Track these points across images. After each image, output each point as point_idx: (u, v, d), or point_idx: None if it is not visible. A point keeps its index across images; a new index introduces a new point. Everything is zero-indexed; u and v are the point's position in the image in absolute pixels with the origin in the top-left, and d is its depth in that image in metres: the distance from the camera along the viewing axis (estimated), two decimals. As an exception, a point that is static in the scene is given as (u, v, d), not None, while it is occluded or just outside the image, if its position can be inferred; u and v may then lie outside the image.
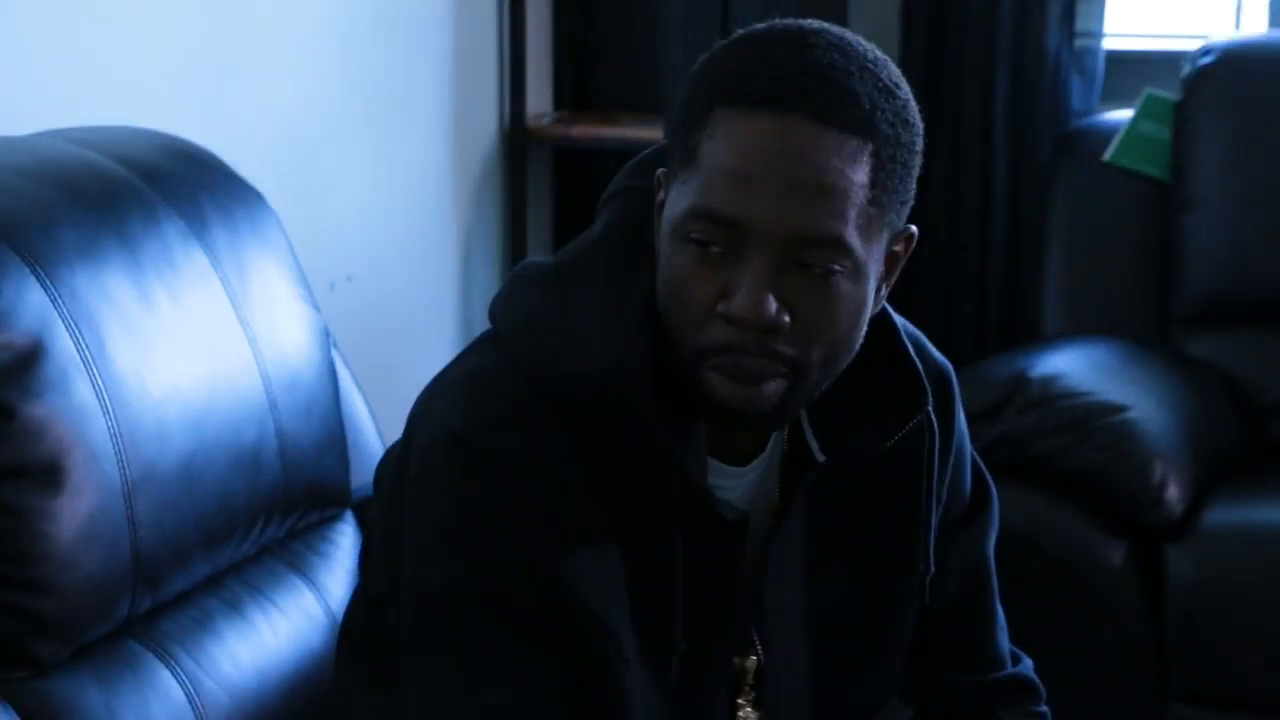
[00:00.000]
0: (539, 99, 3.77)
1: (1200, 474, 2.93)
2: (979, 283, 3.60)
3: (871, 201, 1.43)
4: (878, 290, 1.50)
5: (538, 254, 3.81)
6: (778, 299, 1.42)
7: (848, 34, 1.48)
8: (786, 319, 1.43)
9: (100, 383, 1.71)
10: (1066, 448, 2.86)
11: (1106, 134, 3.43)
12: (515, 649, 1.46)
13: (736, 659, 1.59)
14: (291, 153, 2.89)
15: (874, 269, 1.47)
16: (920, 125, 1.49)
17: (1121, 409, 2.90)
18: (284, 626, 1.90)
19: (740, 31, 1.49)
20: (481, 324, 3.88)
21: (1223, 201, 3.29)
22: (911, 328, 1.66)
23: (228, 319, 1.89)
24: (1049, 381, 2.94)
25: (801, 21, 1.48)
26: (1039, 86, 3.55)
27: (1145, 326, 3.34)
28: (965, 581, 1.69)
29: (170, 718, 1.73)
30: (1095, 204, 3.42)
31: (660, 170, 1.51)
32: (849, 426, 1.56)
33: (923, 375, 1.57)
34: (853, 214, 1.42)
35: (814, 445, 1.55)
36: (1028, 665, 1.75)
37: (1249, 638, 2.82)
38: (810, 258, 1.43)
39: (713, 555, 1.52)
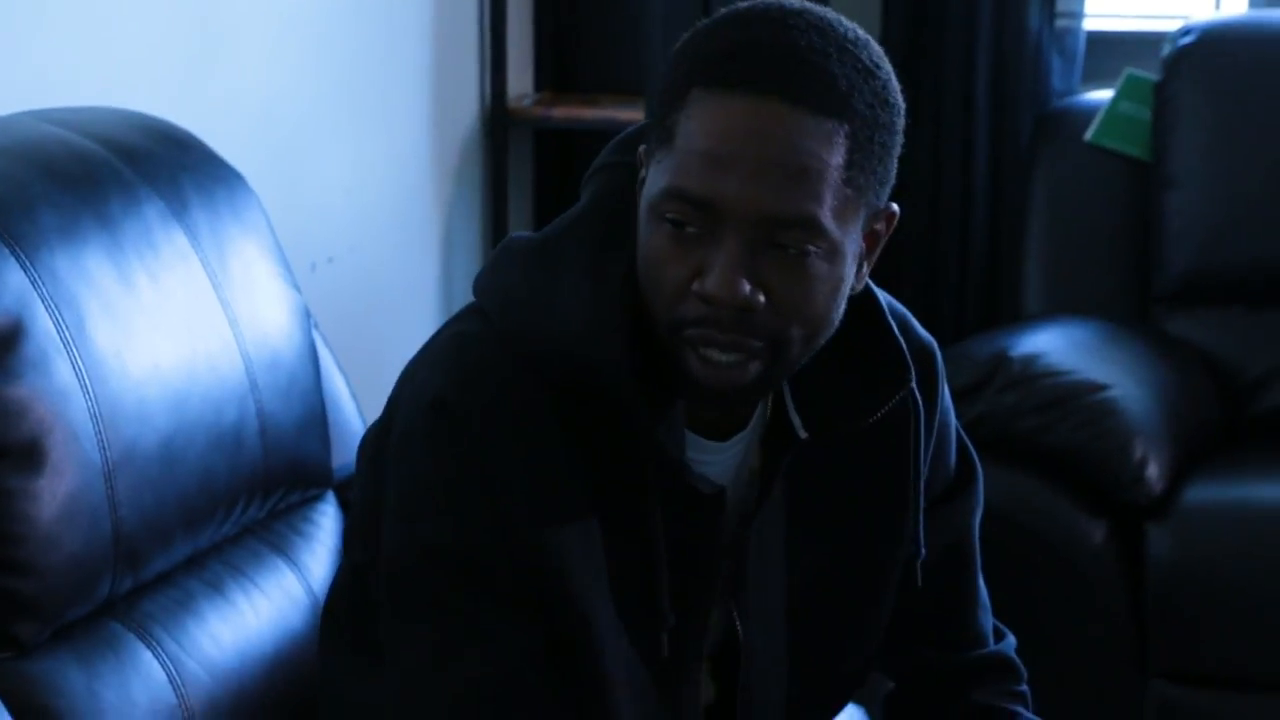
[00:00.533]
0: (520, 80, 3.77)
1: (1180, 452, 2.94)
2: (960, 262, 3.60)
3: (847, 182, 1.44)
4: (858, 268, 1.50)
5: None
6: (752, 279, 1.43)
7: (829, 14, 1.48)
8: (761, 298, 1.44)
9: (80, 363, 1.71)
10: (1047, 426, 2.86)
11: (1087, 114, 3.44)
12: (494, 617, 1.47)
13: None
14: (271, 134, 2.89)
15: (851, 248, 1.47)
16: (902, 105, 1.49)
17: (1102, 388, 2.91)
18: (265, 607, 1.90)
19: (722, 11, 1.49)
20: (462, 305, 3.88)
21: (1203, 181, 3.30)
22: (898, 305, 1.66)
23: (208, 299, 1.89)
24: (1030, 360, 2.94)
25: (783, 1, 1.48)
26: (1020, 66, 3.56)
27: (1126, 305, 3.34)
28: (947, 558, 1.70)
29: (152, 698, 1.74)
30: (1076, 184, 3.43)
31: (642, 147, 1.51)
32: (832, 403, 1.56)
33: (906, 352, 1.57)
34: (827, 195, 1.43)
35: (796, 421, 1.56)
36: (1010, 643, 1.76)
37: (1228, 615, 2.83)
38: (785, 238, 1.43)
39: (691, 529, 1.53)
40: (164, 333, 1.82)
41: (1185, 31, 3.39)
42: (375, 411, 2.32)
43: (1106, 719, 2.89)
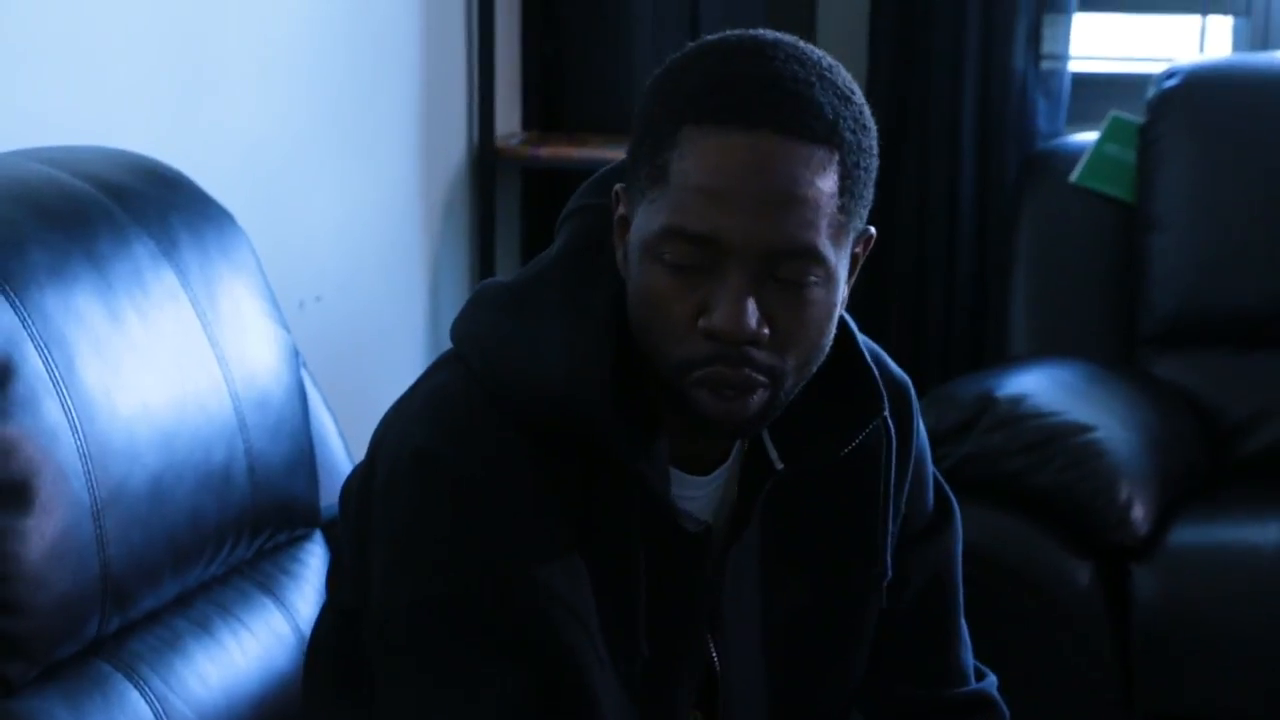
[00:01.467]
0: (508, 119, 3.78)
1: (1165, 494, 2.94)
2: (946, 303, 3.61)
3: (840, 209, 1.46)
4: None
5: (507, 274, 3.81)
6: (757, 311, 1.44)
7: (800, 41, 1.50)
8: (766, 330, 1.45)
9: (69, 402, 1.71)
10: (1033, 467, 2.87)
11: (1072, 156, 3.45)
12: (487, 662, 1.47)
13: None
14: (260, 173, 2.90)
15: (843, 273, 1.50)
16: (875, 128, 1.51)
17: (1088, 429, 2.91)
18: (253, 646, 1.90)
19: (693, 46, 1.49)
20: (449, 346, 3.88)
21: (1187, 223, 3.31)
22: (871, 344, 1.67)
23: (197, 339, 1.90)
24: (1016, 401, 2.95)
25: (755, 32, 1.49)
26: (1005, 108, 3.58)
27: (1111, 347, 3.35)
28: (927, 595, 1.70)
29: (139, 738, 1.74)
30: (1061, 225, 3.44)
31: (618, 186, 1.51)
32: (807, 434, 1.57)
33: (879, 382, 1.58)
34: (824, 224, 1.44)
35: (773, 453, 1.57)
36: (991, 682, 1.76)
37: (1214, 657, 2.84)
38: (786, 270, 1.44)
39: (675, 565, 1.53)
40: (153, 372, 1.82)
41: (1170, 74, 3.41)
42: (363, 451, 2.32)
43: (1092, 760, 2.89)
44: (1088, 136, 3.48)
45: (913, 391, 1.68)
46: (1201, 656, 2.84)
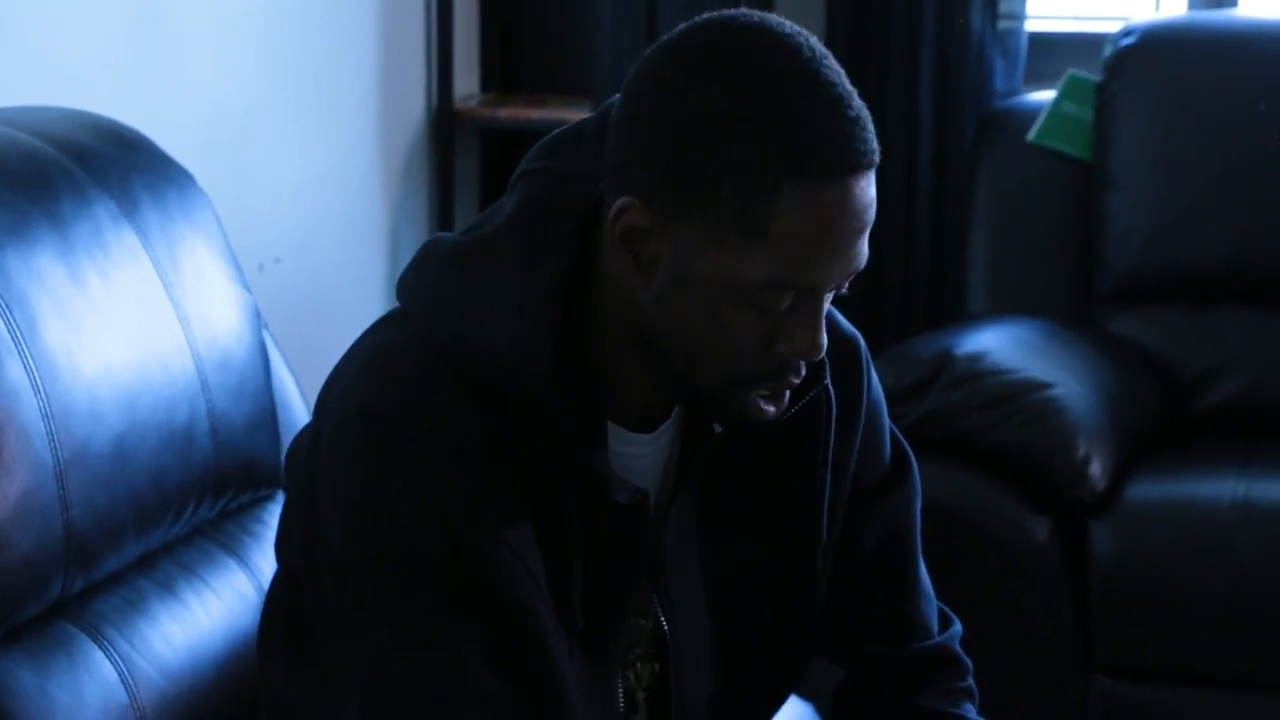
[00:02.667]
0: (466, 81, 3.77)
1: (1123, 450, 2.96)
2: (905, 262, 3.62)
3: None
4: None
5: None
6: None
7: (814, 38, 1.47)
8: None
9: (31, 362, 1.71)
10: (992, 424, 2.89)
11: (1029, 115, 3.47)
12: (441, 618, 1.47)
13: (643, 622, 1.61)
14: (219, 135, 2.89)
15: None
16: None
17: (1046, 386, 2.93)
18: (217, 606, 1.90)
19: (723, 53, 1.43)
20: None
21: (1144, 181, 3.33)
22: None
23: (159, 299, 1.89)
24: (975, 359, 2.96)
25: (778, 34, 1.45)
26: (962, 68, 3.58)
27: (1068, 304, 3.37)
28: (884, 549, 1.71)
29: (104, 698, 1.73)
30: (1019, 184, 3.45)
31: (629, 200, 1.46)
32: None
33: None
34: None
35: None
36: (955, 633, 1.77)
37: (1171, 612, 2.86)
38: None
39: (613, 532, 1.54)
40: (115, 332, 1.82)
41: (1126, 32, 3.42)
42: (324, 412, 2.32)
43: (1050, 715, 2.92)
44: (1045, 95, 3.49)
45: (863, 346, 1.69)
46: (1158, 611, 2.86)
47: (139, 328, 1.86)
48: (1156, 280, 3.32)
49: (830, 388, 1.61)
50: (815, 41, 1.46)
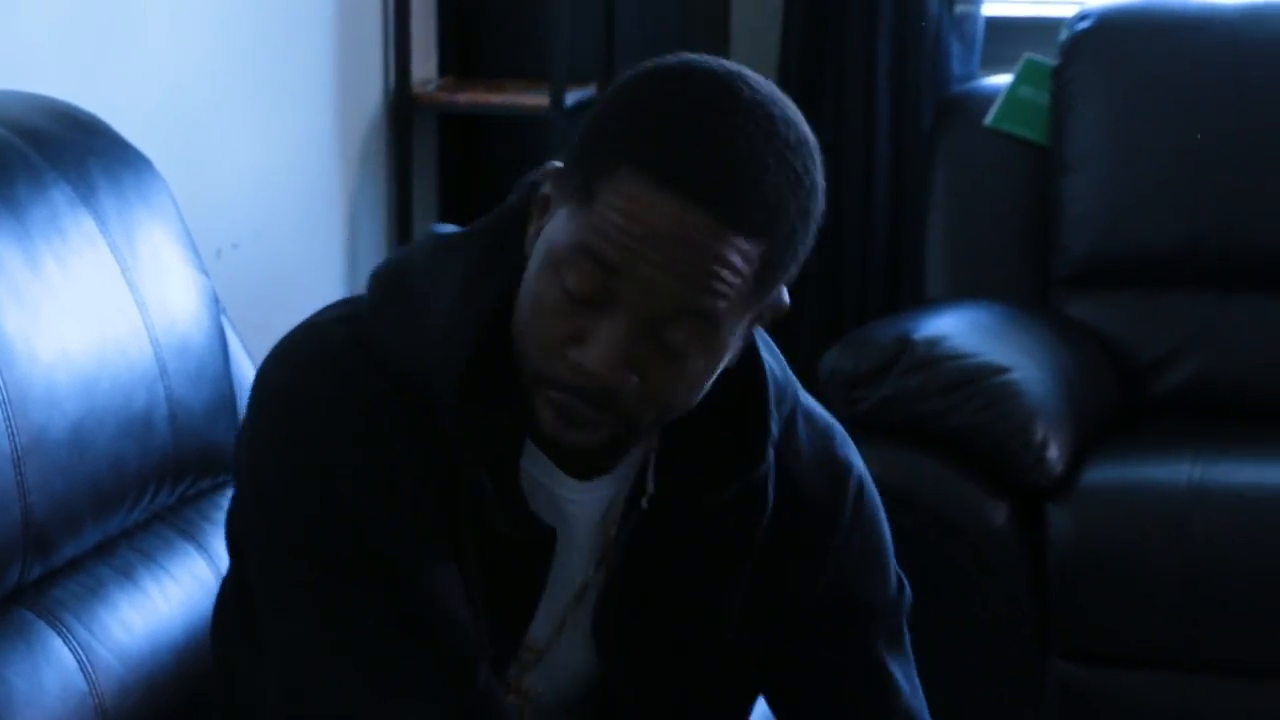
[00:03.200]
0: (424, 65, 3.76)
1: (1080, 434, 2.98)
2: (863, 246, 3.63)
3: (752, 293, 1.44)
4: (736, 352, 1.50)
5: (424, 221, 3.81)
6: (631, 364, 1.42)
7: (776, 106, 1.44)
8: (634, 380, 1.43)
9: (-12, 348, 1.70)
10: (950, 408, 2.89)
11: (986, 99, 3.47)
12: (357, 598, 1.47)
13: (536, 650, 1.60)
14: (175, 119, 2.88)
15: (733, 345, 1.48)
16: (820, 211, 1.48)
17: (1004, 370, 2.94)
18: (176, 593, 1.90)
19: (672, 67, 1.44)
20: (368, 290, 3.84)
21: (1101, 165, 3.34)
22: (821, 415, 1.64)
23: (116, 284, 1.88)
24: (933, 344, 2.97)
25: (734, 82, 1.43)
26: (920, 52, 3.59)
27: (1026, 289, 3.38)
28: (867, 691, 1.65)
29: (63, 685, 1.73)
30: (976, 168, 3.46)
31: (554, 164, 1.48)
32: (689, 471, 1.55)
33: (770, 437, 1.55)
34: (730, 302, 1.42)
35: (649, 486, 1.55)
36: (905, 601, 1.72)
37: (1128, 595, 2.87)
38: (672, 336, 1.42)
39: (512, 561, 1.52)
40: (72, 317, 1.81)
41: (1082, 16, 3.43)
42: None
43: (1007, 698, 2.93)
44: (1002, 79, 3.50)
45: (855, 478, 1.63)
46: (1116, 594, 2.87)
47: (96, 313, 1.85)
48: (1113, 264, 3.34)
49: (769, 488, 1.56)
50: (778, 129, 1.42)
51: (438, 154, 3.87)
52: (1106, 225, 3.33)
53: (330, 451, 1.48)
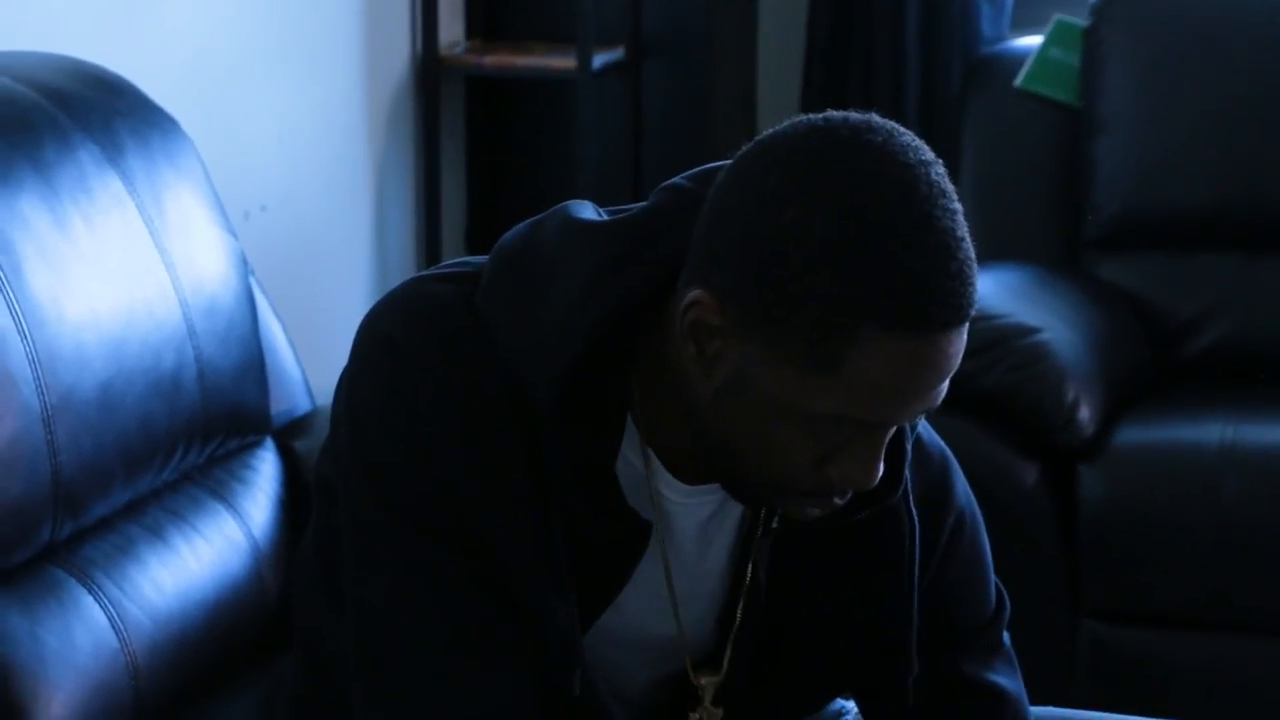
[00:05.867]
0: (451, 28, 3.76)
1: (1111, 395, 2.97)
2: (892, 209, 3.61)
3: None
4: None
5: (451, 184, 3.80)
6: None
7: (936, 163, 1.38)
8: None
9: (17, 308, 1.70)
10: (981, 369, 2.88)
11: (1017, 60, 3.46)
12: (446, 562, 1.46)
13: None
14: (203, 81, 2.88)
15: None
16: None
17: (1034, 331, 2.93)
18: (206, 552, 1.90)
19: (854, 183, 1.35)
20: (395, 256, 3.88)
21: (1131, 126, 3.32)
22: (930, 436, 1.64)
23: (144, 245, 1.89)
24: (962, 304, 2.96)
25: (923, 185, 1.36)
26: (949, 14, 3.57)
27: (1056, 250, 3.37)
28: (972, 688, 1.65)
29: (94, 642, 1.73)
30: (1006, 130, 3.45)
31: (700, 293, 1.40)
32: None
33: (906, 460, 1.53)
34: None
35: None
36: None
37: (1158, 555, 2.87)
38: None
39: (607, 550, 1.51)
40: (101, 278, 1.81)
41: (1113, -23, 3.41)
42: (311, 359, 2.32)
43: (1039, 658, 2.90)
44: (1032, 41, 3.48)
45: (955, 514, 1.63)
46: (1146, 555, 2.87)
47: (125, 273, 1.85)
48: (1143, 225, 3.32)
49: (913, 512, 1.56)
50: (938, 174, 1.37)
51: (465, 117, 3.87)
52: (1137, 186, 3.31)
53: (430, 412, 1.46)
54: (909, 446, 1.54)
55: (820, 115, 1.40)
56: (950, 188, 1.38)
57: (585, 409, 1.45)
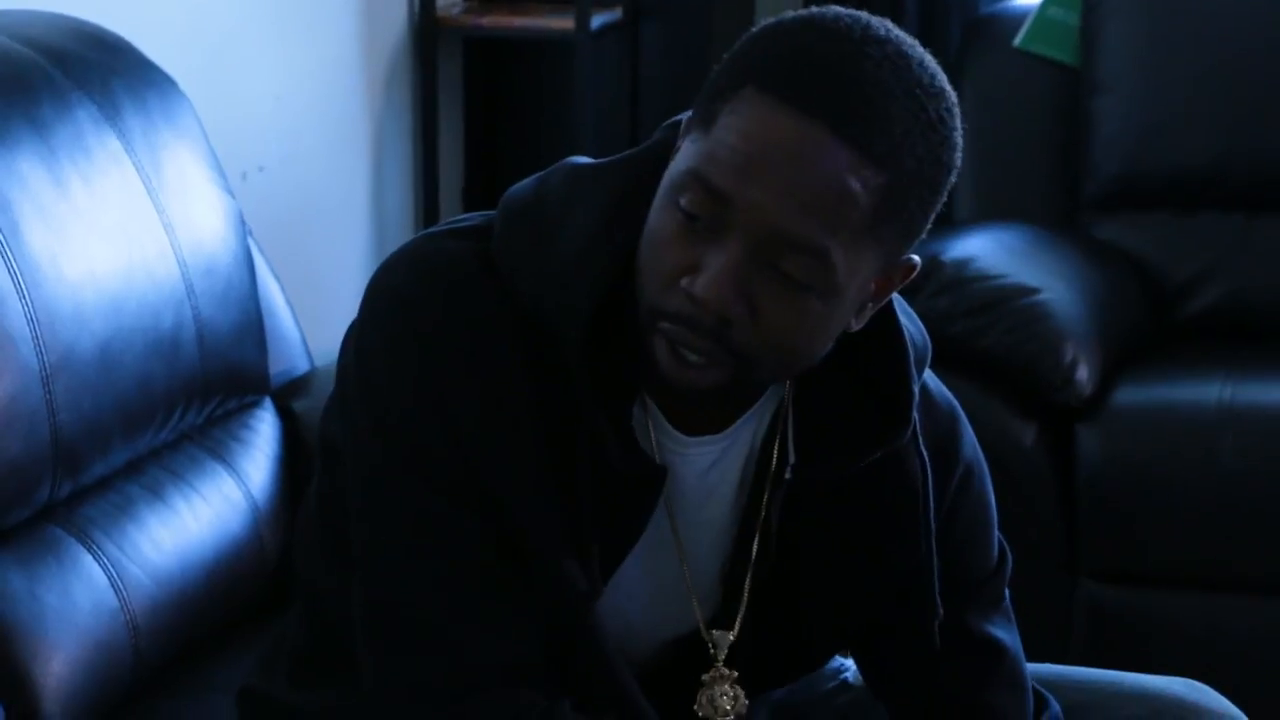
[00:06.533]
0: (448, -12, 3.75)
1: (1109, 355, 2.97)
2: (890, 169, 3.61)
3: (870, 230, 1.39)
4: (860, 310, 1.47)
5: (449, 145, 3.80)
6: (743, 293, 1.39)
7: (915, 51, 1.41)
8: (744, 313, 1.40)
9: (16, 267, 1.70)
10: (979, 329, 2.88)
11: (1016, 20, 3.45)
12: (456, 517, 1.46)
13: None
14: (201, 41, 2.87)
15: (853, 293, 1.43)
16: (955, 165, 1.44)
17: (1033, 291, 2.93)
18: (205, 511, 1.91)
19: (812, 10, 1.43)
20: (393, 216, 3.87)
21: (1130, 85, 3.32)
22: (939, 390, 1.62)
23: (143, 204, 1.88)
24: (962, 265, 2.96)
25: (873, 22, 1.41)
26: (948, -27, 3.57)
27: (1055, 210, 3.36)
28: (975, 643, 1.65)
29: (93, 601, 1.74)
30: (1005, 90, 3.44)
31: (683, 119, 1.46)
32: (826, 441, 1.53)
33: (914, 400, 1.52)
34: (846, 235, 1.38)
35: (791, 455, 1.53)
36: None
37: (1157, 515, 2.87)
38: (789, 264, 1.39)
39: (619, 497, 1.50)
40: (99, 237, 1.81)
41: (1113, -63, 3.40)
42: (309, 320, 2.32)
43: (1037, 618, 2.91)
44: (1031, 0, 3.47)
45: (964, 468, 1.62)
46: (1144, 515, 2.87)
47: (123, 233, 1.85)
48: (1142, 185, 3.32)
49: (924, 453, 1.55)
50: (911, 71, 1.39)
51: (463, 78, 3.86)
52: (1136, 146, 3.31)
53: (441, 364, 1.45)
54: (915, 389, 1.53)
55: None
56: (924, 73, 1.40)
57: (609, 342, 1.45)
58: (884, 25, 1.42)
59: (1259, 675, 2.84)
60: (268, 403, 2.08)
